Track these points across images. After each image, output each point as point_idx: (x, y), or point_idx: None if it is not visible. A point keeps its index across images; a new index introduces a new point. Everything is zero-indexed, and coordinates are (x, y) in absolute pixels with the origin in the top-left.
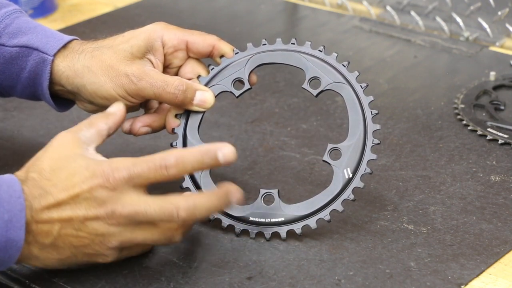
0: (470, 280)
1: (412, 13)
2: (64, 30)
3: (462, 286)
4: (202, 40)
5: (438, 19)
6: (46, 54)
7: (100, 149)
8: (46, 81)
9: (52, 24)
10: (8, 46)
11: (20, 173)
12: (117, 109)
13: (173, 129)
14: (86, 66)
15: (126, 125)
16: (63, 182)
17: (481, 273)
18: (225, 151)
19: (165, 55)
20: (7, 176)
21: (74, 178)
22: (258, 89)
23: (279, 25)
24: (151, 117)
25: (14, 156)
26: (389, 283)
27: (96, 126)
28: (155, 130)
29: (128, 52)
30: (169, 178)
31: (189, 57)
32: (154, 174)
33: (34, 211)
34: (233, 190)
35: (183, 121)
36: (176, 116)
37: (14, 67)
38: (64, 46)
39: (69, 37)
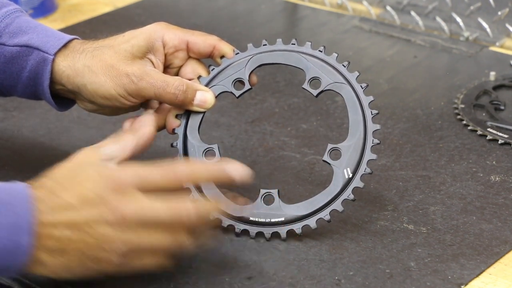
0: (470, 280)
1: (412, 13)
2: (64, 30)
3: (462, 286)
4: (203, 40)
5: (438, 19)
6: (47, 53)
7: None
8: (47, 81)
9: (52, 24)
10: (9, 46)
11: (34, 182)
12: (147, 131)
13: (173, 130)
14: (86, 65)
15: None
16: (75, 187)
17: (481, 273)
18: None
19: (165, 55)
20: (18, 183)
21: (87, 183)
22: (258, 89)
23: (279, 25)
24: None
25: (14, 156)
26: (389, 283)
27: (120, 142)
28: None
29: (129, 52)
30: (178, 183)
31: (189, 57)
32: (162, 178)
33: (42, 213)
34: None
35: (183, 122)
36: (176, 116)
37: (15, 66)
38: (65, 45)
39: (70, 36)
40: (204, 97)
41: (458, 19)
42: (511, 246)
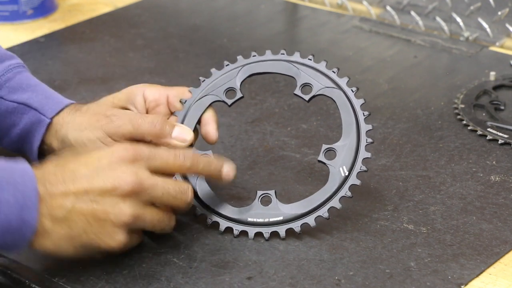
0: (470, 280)
1: (412, 13)
2: (64, 30)
3: (462, 286)
4: (182, 93)
5: (438, 19)
6: (44, 115)
7: None
8: (38, 141)
9: (52, 24)
10: (6, 100)
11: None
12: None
13: None
14: (72, 118)
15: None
16: (84, 158)
17: (481, 273)
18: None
19: (147, 110)
20: (20, 162)
21: (97, 153)
22: (258, 89)
23: (279, 25)
24: None
25: (13, 156)
26: (389, 283)
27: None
28: None
29: (110, 101)
30: (183, 168)
31: (171, 113)
32: (170, 159)
33: (49, 183)
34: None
35: None
36: None
37: (7, 121)
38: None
39: (68, 101)
40: (183, 131)
41: (458, 19)
42: (511, 246)
